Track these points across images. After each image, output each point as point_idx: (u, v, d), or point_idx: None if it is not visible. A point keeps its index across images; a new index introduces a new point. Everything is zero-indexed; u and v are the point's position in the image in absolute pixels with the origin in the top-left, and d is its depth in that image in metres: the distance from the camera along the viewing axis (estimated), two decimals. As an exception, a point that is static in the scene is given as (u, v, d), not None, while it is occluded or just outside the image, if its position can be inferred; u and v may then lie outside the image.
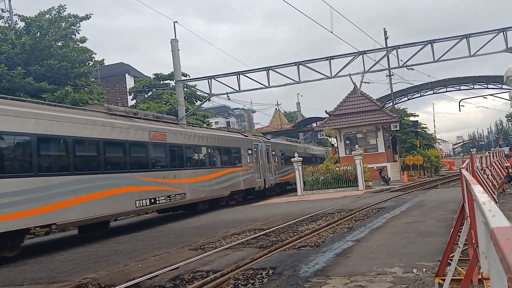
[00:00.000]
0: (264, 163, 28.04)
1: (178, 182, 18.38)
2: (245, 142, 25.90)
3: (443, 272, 5.00)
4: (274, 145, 31.07)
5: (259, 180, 26.75)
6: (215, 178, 21.51)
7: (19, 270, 9.71)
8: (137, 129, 16.49)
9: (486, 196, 2.14)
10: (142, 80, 41.53)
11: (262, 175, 27.24)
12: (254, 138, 28.33)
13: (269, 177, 28.59)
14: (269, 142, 30.43)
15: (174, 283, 7.26)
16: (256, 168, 26.53)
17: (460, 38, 26.50)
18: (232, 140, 24.59)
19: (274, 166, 29.89)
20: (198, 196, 19.92)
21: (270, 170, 29.08)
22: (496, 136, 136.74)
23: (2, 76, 23.33)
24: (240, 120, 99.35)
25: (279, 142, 34.05)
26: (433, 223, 10.84)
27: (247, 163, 25.25)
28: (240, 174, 24.25)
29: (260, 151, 27.57)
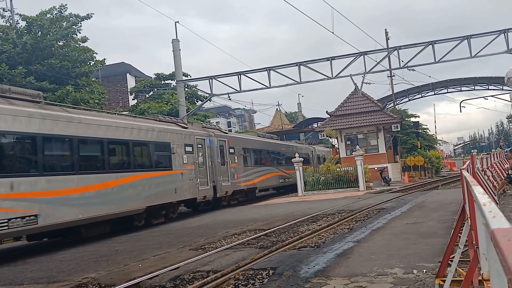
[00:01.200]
0: (216, 164, 21.75)
1: (17, 198, 11.10)
2: (179, 135, 18.94)
3: (443, 273, 5.00)
4: (234, 141, 25.02)
5: (203, 188, 20.14)
6: (113, 188, 14.57)
7: (19, 269, 9.71)
8: None
9: (487, 197, 2.13)
10: (143, 80, 41.53)
11: (210, 180, 20.79)
12: (199, 131, 21.51)
13: (223, 182, 22.09)
14: (225, 136, 24.03)
15: (174, 283, 7.25)
16: (201, 172, 20.17)
17: (461, 39, 26.48)
18: (154, 132, 17.26)
19: (232, 168, 23.45)
20: (72, 217, 12.62)
21: (225, 173, 22.55)
22: (497, 137, 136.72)
23: (3, 75, 23.35)
24: (241, 121, 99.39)
25: (242, 137, 28.20)
26: (433, 224, 10.83)
27: (183, 165, 18.76)
28: (168, 181, 17.54)
29: (208, 148, 21.28)
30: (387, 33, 38.27)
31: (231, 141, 24.38)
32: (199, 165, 20.18)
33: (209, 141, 21.57)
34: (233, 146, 24.24)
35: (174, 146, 18.32)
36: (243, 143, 26.42)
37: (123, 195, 14.97)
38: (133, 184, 15.50)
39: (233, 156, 24.04)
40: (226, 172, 22.73)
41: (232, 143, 24.32)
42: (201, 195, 20.03)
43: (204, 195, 20.29)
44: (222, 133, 24.55)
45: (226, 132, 25.67)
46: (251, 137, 29.51)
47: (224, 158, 22.84)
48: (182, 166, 18.69)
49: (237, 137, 26.77)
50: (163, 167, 17.66)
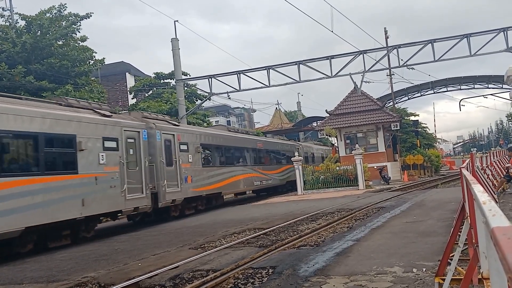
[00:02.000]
0: (158, 165, 17.11)
1: None
2: (93, 126, 14.01)
3: (443, 272, 5.00)
4: (188, 136, 20.08)
5: (134, 196, 15.31)
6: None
7: (18, 268, 9.71)
8: None
9: (487, 196, 2.13)
10: (142, 79, 41.51)
11: (146, 186, 15.98)
12: (130, 121, 16.43)
13: (168, 188, 17.47)
14: (173, 129, 18.92)
15: (174, 282, 7.25)
16: (131, 175, 15.40)
17: (461, 37, 26.49)
18: (46, 121, 12.38)
19: (184, 169, 18.89)
20: None
21: (173, 176, 18.02)
22: (496, 136, 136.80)
23: (3, 74, 23.34)
24: (240, 120, 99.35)
25: (201, 131, 22.69)
26: (433, 223, 10.84)
27: (99, 166, 13.95)
28: (69, 189, 12.74)
29: (146, 144, 16.55)
30: (387, 32, 38.28)
31: (184, 135, 19.48)
32: (129, 166, 15.30)
33: (146, 135, 16.60)
34: (186, 142, 19.40)
35: (83, 140, 13.29)
36: (203, 138, 21.35)
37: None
38: (1, 195, 10.71)
39: (186, 155, 19.16)
40: (173, 174, 18.00)
41: (185, 138, 19.52)
42: (129, 207, 15.00)
43: (135, 206, 15.22)
44: (170, 125, 19.05)
45: (176, 124, 20.09)
46: (215, 131, 24.38)
47: (171, 157, 18.08)
48: (96, 168, 13.76)
49: (193, 131, 21.33)
50: (61, 169, 12.86)
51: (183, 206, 19.08)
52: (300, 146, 37.50)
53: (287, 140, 37.73)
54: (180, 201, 18.47)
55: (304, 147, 39.16)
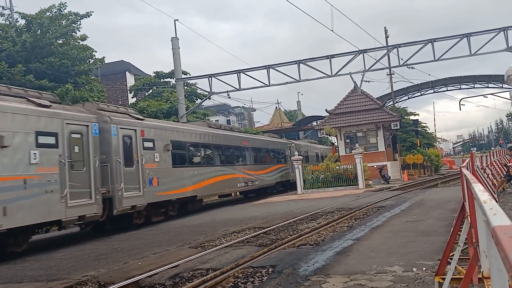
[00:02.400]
0: (114, 165, 14.68)
1: None
2: (19, 118, 11.61)
3: (443, 271, 4.99)
4: (155, 131, 17.53)
5: (79, 202, 12.89)
6: None
7: (18, 267, 9.71)
8: None
9: (487, 195, 2.13)
10: (142, 78, 41.52)
11: (96, 190, 13.55)
12: (76, 112, 13.84)
13: (126, 192, 14.98)
14: (135, 124, 16.39)
15: (173, 281, 7.25)
16: (75, 177, 12.93)
17: (461, 37, 26.49)
18: None
19: (149, 169, 16.49)
20: None
21: (133, 178, 15.56)
22: (496, 135, 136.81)
23: (3, 73, 23.34)
24: (240, 119, 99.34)
25: (171, 126, 19.70)
26: (433, 222, 10.83)
27: (30, 166, 11.56)
28: None
29: (97, 140, 14.06)
30: (387, 31, 38.28)
31: (149, 131, 17.01)
32: (73, 167, 12.96)
33: (97, 129, 14.10)
34: (151, 139, 16.98)
35: (6, 135, 11.03)
36: (174, 134, 18.74)
37: None
38: None
39: (151, 153, 16.77)
40: (134, 176, 15.60)
41: (151, 134, 17.07)
42: (72, 215, 12.56)
43: (80, 214, 12.79)
44: (131, 119, 16.43)
45: (140, 117, 17.24)
46: (190, 127, 21.61)
47: (131, 156, 15.67)
48: (26, 169, 11.43)
49: (162, 126, 18.46)
50: None
51: (150, 212, 16.62)
52: (292, 144, 35.23)
53: (278, 138, 35.17)
54: (142, 207, 15.75)
55: (297, 145, 36.47)
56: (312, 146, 42.32)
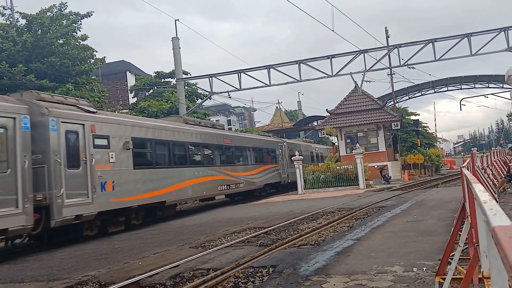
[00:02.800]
0: (53, 166, 12.27)
1: None
2: None
3: (443, 271, 5.00)
4: (111, 127, 14.99)
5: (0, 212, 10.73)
6: None
7: (19, 267, 9.71)
8: None
9: (487, 195, 2.13)
10: (143, 78, 41.56)
11: (24, 197, 11.20)
12: None
13: (68, 199, 12.52)
14: (83, 118, 13.78)
15: (174, 281, 7.26)
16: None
17: (462, 37, 26.49)
18: None
19: (102, 172, 13.98)
20: None
21: (79, 182, 13.10)
22: (497, 135, 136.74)
23: (4, 73, 23.37)
24: (241, 119, 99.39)
25: (135, 122, 16.92)
26: (433, 222, 10.83)
27: None
28: None
29: (29, 138, 11.71)
30: (387, 31, 38.28)
31: (102, 126, 14.38)
32: None
33: (28, 123, 11.66)
34: (106, 135, 14.42)
35: None
36: (136, 131, 16.16)
37: None
38: None
39: (105, 152, 14.20)
40: (81, 180, 13.07)
41: (105, 129, 14.46)
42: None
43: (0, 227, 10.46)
44: (78, 111, 13.72)
45: (91, 110, 14.40)
46: (160, 122, 19.05)
47: (77, 156, 13.19)
48: None
49: (120, 121, 15.69)
50: None
51: (105, 222, 14.38)
52: (284, 143, 32.73)
53: (268, 136, 32.52)
54: (91, 216, 13.25)
55: (290, 144, 34.27)
56: (307, 145, 40.13)
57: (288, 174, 31.31)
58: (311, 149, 40.71)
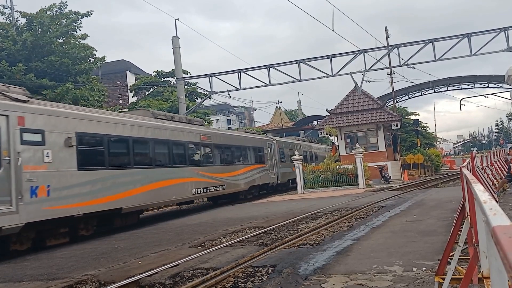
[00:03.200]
0: None
1: None
2: None
3: (443, 271, 5.00)
4: (50, 121, 12.56)
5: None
6: None
7: (19, 266, 9.71)
8: None
9: (487, 195, 2.13)
10: (143, 77, 41.55)
11: None
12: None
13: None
14: (8, 108, 11.32)
15: (174, 280, 7.26)
16: None
17: (462, 37, 26.49)
18: None
19: (32, 174, 11.53)
20: None
21: (1, 188, 10.78)
22: (496, 135, 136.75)
23: (3, 72, 23.34)
24: (240, 118, 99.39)
25: (81, 114, 14.17)
26: (433, 222, 10.84)
27: None
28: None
29: None
30: (387, 31, 38.27)
31: (35, 118, 11.94)
32: None
33: None
34: (40, 130, 12.01)
35: None
36: (83, 125, 13.69)
37: None
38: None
39: (37, 150, 11.79)
40: (1, 184, 10.71)
41: (38, 122, 12.01)
42: None
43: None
44: (3, 99, 11.34)
45: (21, 99, 11.88)
46: (113, 116, 16.38)
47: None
48: None
49: (59, 112, 12.97)
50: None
51: (43, 234, 12.23)
52: (274, 141, 30.51)
53: (254, 134, 30.44)
54: (15, 229, 10.90)
55: (281, 143, 32.24)
56: (300, 144, 37.64)
57: (278, 175, 29.76)
58: (305, 148, 38.45)
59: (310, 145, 41.10)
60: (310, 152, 39.89)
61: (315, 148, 42.44)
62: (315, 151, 41.81)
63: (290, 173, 30.76)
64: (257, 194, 27.34)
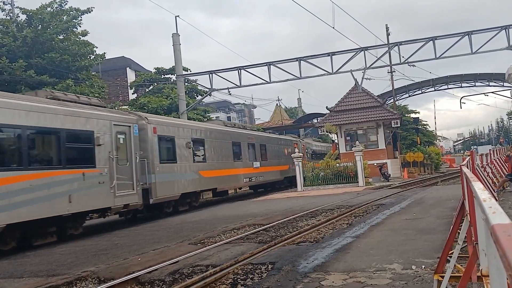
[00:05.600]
0: None
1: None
2: None
3: (442, 269, 5.01)
4: None
5: None
6: None
7: (19, 262, 9.73)
8: None
9: (487, 193, 2.13)
10: (143, 74, 41.45)
11: None
12: None
13: None
14: None
15: (173, 277, 7.27)
16: None
17: (462, 35, 26.47)
18: None
19: None
20: None
21: None
22: (497, 133, 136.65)
23: (4, 69, 23.33)
24: (241, 115, 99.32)
25: None
26: (432, 220, 10.85)
27: None
28: None
29: None
30: (388, 29, 38.23)
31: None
32: None
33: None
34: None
35: None
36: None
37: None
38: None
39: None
40: None
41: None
42: None
43: None
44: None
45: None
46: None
47: None
48: None
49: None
50: None
51: None
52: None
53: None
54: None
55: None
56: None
57: None
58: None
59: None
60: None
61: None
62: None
63: None
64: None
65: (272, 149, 29.72)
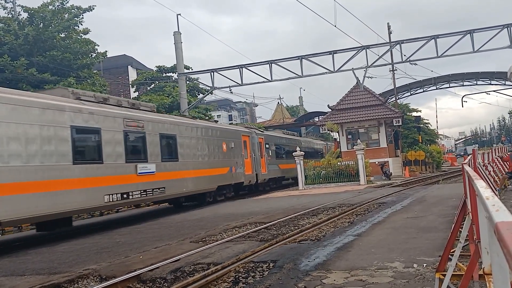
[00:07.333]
0: None
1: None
2: None
3: (443, 268, 5.00)
4: None
5: None
6: None
7: (20, 260, 9.75)
8: None
9: (490, 191, 2.12)
10: (144, 73, 41.47)
11: None
12: None
13: None
14: None
15: (175, 275, 7.28)
16: None
17: (464, 33, 26.39)
18: None
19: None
20: None
21: None
22: (498, 132, 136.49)
23: (5, 67, 23.35)
24: (242, 114, 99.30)
25: None
26: (434, 219, 10.84)
27: None
28: None
29: None
30: (390, 27, 38.17)
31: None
32: None
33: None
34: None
35: None
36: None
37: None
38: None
39: None
40: None
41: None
42: None
43: None
44: None
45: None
46: None
47: None
48: None
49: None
50: None
51: None
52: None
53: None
54: None
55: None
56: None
57: None
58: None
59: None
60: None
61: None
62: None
63: None
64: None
65: (193, 144, 19.91)
